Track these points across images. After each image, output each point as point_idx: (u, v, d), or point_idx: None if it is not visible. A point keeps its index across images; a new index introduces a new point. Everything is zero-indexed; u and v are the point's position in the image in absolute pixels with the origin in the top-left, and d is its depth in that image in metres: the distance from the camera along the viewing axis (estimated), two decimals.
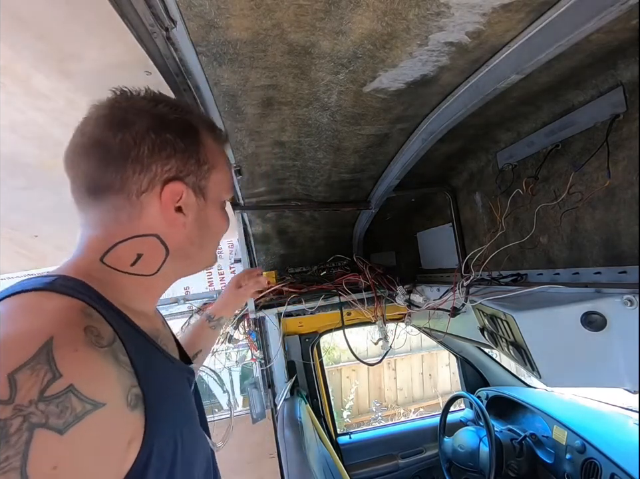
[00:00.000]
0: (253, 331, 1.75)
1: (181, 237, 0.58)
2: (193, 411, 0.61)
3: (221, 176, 0.61)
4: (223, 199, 0.65)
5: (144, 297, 0.58)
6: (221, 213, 0.64)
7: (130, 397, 0.43)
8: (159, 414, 0.47)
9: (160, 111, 0.54)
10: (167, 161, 0.53)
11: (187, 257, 0.61)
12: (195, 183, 0.57)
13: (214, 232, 0.64)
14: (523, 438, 1.68)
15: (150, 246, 0.56)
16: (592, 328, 0.76)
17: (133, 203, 0.53)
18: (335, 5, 0.54)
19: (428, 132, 0.97)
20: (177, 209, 0.55)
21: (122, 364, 0.44)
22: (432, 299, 1.40)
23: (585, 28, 0.55)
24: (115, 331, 0.45)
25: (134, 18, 0.51)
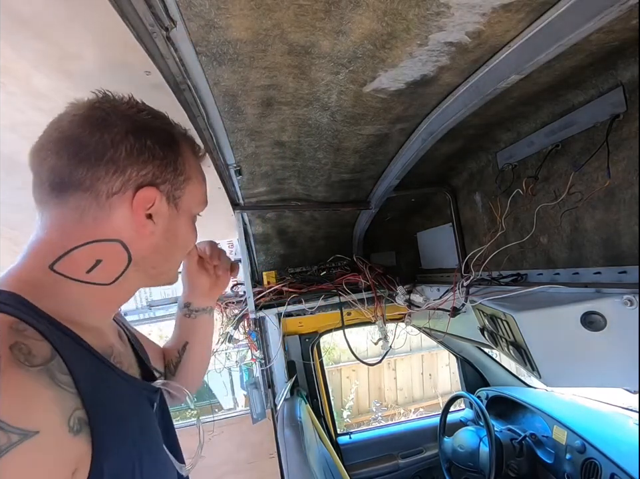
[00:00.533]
0: (253, 331, 1.75)
1: (147, 245, 0.55)
2: (154, 433, 0.56)
3: (195, 189, 0.60)
4: (194, 213, 0.63)
5: (97, 310, 0.54)
6: (191, 227, 0.62)
7: (72, 421, 0.39)
8: (109, 438, 0.43)
9: (142, 118, 0.54)
10: (143, 166, 0.52)
11: (151, 268, 0.58)
12: (170, 192, 0.55)
13: (181, 245, 0.62)
14: (523, 438, 1.68)
15: (111, 252, 0.52)
16: (592, 329, 0.76)
17: (101, 205, 0.50)
18: (335, 5, 0.54)
19: (428, 132, 0.97)
20: (147, 216, 0.53)
21: (62, 384, 0.39)
22: (432, 299, 1.40)
23: (585, 28, 0.55)
24: (55, 348, 0.41)
25: (134, 18, 0.51)
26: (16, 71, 0.56)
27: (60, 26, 0.51)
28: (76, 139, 0.49)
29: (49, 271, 0.48)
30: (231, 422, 1.99)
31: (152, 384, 0.60)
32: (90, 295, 0.52)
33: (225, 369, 1.95)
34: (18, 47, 0.54)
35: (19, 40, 0.53)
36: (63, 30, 0.52)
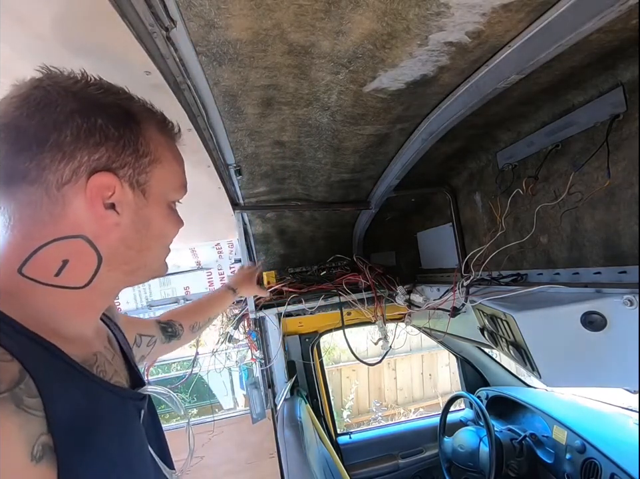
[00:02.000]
0: (253, 331, 1.75)
1: (115, 239, 0.49)
2: (140, 447, 0.53)
3: (167, 173, 0.53)
4: (170, 200, 0.56)
5: (76, 316, 0.49)
6: (167, 215, 0.55)
7: (35, 449, 0.36)
8: (78, 460, 0.40)
9: (91, 93, 0.46)
10: (95, 149, 0.45)
11: (125, 264, 0.52)
12: (132, 177, 0.49)
13: (157, 235, 0.54)
14: (523, 438, 1.68)
15: (76, 250, 0.47)
16: (592, 328, 0.76)
17: (53, 198, 0.44)
18: (335, 5, 0.54)
19: (428, 132, 0.97)
20: (109, 206, 0.47)
21: (29, 409, 0.36)
22: (432, 299, 1.40)
23: (585, 28, 0.55)
24: (25, 368, 0.37)
25: (134, 18, 0.51)
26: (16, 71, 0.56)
27: (60, 26, 0.51)
28: (14, 125, 0.43)
29: (19, 275, 0.44)
30: (231, 422, 1.99)
31: (139, 391, 0.56)
32: (65, 300, 0.47)
33: (225, 369, 1.95)
34: (18, 47, 0.54)
35: (19, 40, 0.53)
36: (63, 30, 0.52)
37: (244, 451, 1.94)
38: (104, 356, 0.53)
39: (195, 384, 2.04)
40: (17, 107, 0.44)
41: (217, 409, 2.97)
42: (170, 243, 0.59)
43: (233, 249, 2.03)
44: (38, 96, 0.44)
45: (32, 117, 0.43)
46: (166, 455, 0.61)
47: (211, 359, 1.78)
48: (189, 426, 0.68)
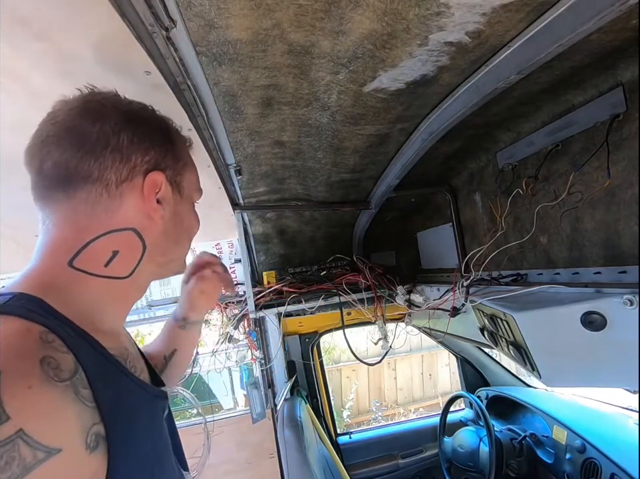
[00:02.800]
0: (253, 331, 1.75)
1: (158, 231, 0.55)
2: (165, 443, 0.56)
3: (192, 176, 0.62)
4: (194, 200, 0.64)
5: (114, 308, 0.53)
6: (193, 213, 0.64)
7: (89, 438, 0.38)
8: (124, 453, 0.42)
9: (134, 108, 0.54)
10: (146, 153, 0.52)
11: (163, 255, 0.58)
12: (172, 178, 0.56)
13: (187, 230, 0.63)
14: (523, 438, 1.68)
15: (126, 241, 0.52)
16: (592, 328, 0.76)
17: (112, 194, 0.50)
18: (335, 5, 0.54)
19: (428, 132, 0.97)
20: (157, 202, 0.54)
21: (83, 399, 0.39)
22: (432, 299, 1.40)
23: (585, 28, 0.55)
24: (77, 360, 0.40)
25: (134, 18, 0.51)
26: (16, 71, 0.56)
27: (60, 26, 0.51)
28: (78, 131, 0.48)
29: (68, 268, 0.48)
30: (231, 422, 1.99)
31: (163, 389, 0.59)
32: (108, 291, 0.51)
33: (225, 369, 1.95)
34: (18, 47, 0.54)
35: (19, 40, 0.53)
36: (63, 30, 0.52)
37: (244, 451, 1.94)
38: (132, 353, 0.56)
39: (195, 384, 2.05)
40: (78, 116, 0.49)
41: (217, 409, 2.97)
42: (191, 241, 0.65)
43: (233, 249, 2.03)
44: (96, 108, 0.50)
45: (94, 124, 0.49)
46: (181, 455, 0.63)
47: (211, 359, 1.78)
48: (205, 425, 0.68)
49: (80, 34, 0.53)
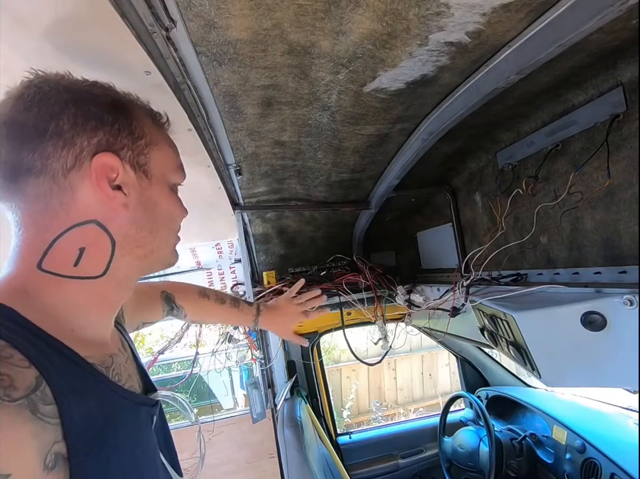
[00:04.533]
0: (253, 331, 1.75)
1: (125, 220, 0.49)
2: (151, 453, 0.52)
3: (164, 155, 0.55)
4: (171, 182, 0.57)
5: (95, 312, 0.49)
6: (170, 196, 0.56)
7: (49, 457, 0.35)
8: (90, 470, 0.39)
9: (80, 86, 0.48)
10: (93, 134, 0.46)
11: (139, 247, 0.52)
12: (132, 158, 0.50)
13: (165, 216, 0.55)
14: (523, 438, 1.68)
15: (91, 236, 0.47)
16: (592, 328, 0.76)
17: (61, 186, 0.45)
18: (335, 5, 0.54)
19: (428, 132, 0.97)
20: (116, 188, 0.48)
21: (44, 416, 0.36)
22: (432, 299, 1.40)
23: (585, 28, 0.55)
24: (41, 374, 0.37)
25: (134, 18, 0.51)
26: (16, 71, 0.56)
27: (60, 26, 0.51)
28: (12, 121, 0.44)
29: (38, 272, 0.45)
30: (231, 422, 1.99)
31: (151, 397, 0.56)
32: (84, 293, 0.47)
33: (225, 369, 1.95)
34: (18, 47, 0.54)
35: (19, 40, 0.53)
36: (63, 30, 0.52)
37: (244, 451, 1.94)
38: (119, 359, 0.53)
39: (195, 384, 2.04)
40: (12, 105, 0.45)
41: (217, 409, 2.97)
42: (178, 229, 0.59)
43: (233, 249, 2.03)
44: (32, 93, 0.45)
45: (29, 110, 0.44)
46: (175, 461, 0.61)
47: (211, 359, 1.78)
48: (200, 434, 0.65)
49: (80, 34, 0.53)
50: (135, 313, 0.78)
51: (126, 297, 0.56)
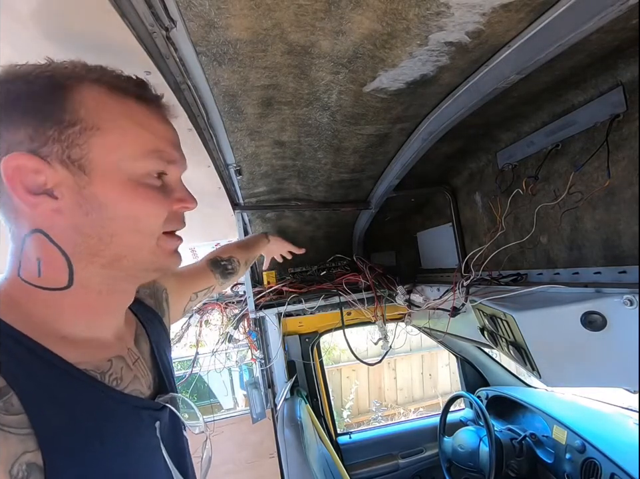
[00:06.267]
0: (253, 331, 1.75)
1: (65, 228, 0.43)
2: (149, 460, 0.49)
3: (115, 140, 0.44)
4: (134, 171, 0.45)
5: (80, 319, 0.46)
6: (128, 191, 0.45)
7: (15, 468, 0.33)
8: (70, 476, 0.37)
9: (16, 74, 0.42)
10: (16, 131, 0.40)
11: (94, 255, 0.45)
12: (61, 153, 0.41)
13: (120, 217, 0.45)
14: (523, 437, 1.68)
15: (41, 246, 0.43)
16: (592, 328, 0.76)
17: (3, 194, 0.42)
18: (335, 5, 0.54)
19: (428, 132, 0.97)
20: (43, 192, 0.41)
21: (7, 427, 0.34)
22: (432, 299, 1.40)
23: (585, 28, 0.55)
24: (8, 383, 0.35)
25: (134, 18, 0.51)
26: None
27: (59, 26, 0.51)
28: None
29: (20, 280, 0.43)
30: (231, 422, 1.99)
31: (157, 401, 0.53)
32: (61, 302, 0.44)
33: (225, 369, 1.95)
34: (17, 47, 0.54)
35: (19, 41, 0.53)
36: (63, 30, 0.52)
37: (244, 451, 1.94)
38: (124, 361, 0.50)
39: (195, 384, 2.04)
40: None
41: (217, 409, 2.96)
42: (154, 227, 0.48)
43: None
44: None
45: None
46: (186, 468, 0.57)
47: (211, 359, 1.78)
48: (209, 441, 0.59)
49: (80, 34, 0.53)
50: (181, 289, 0.83)
51: (125, 301, 0.53)
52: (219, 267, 1.02)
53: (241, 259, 1.12)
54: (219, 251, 1.09)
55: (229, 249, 1.12)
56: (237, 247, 1.18)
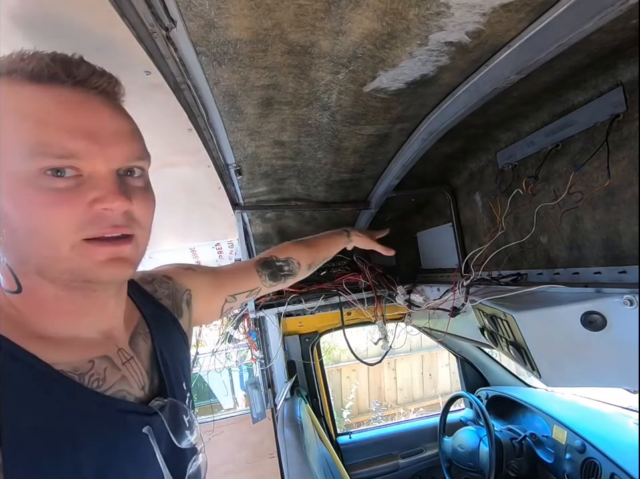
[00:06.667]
0: (253, 331, 1.75)
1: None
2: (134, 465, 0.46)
3: (1, 135, 0.39)
4: (20, 173, 0.39)
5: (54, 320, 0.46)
6: (17, 196, 0.40)
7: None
8: None
9: None
10: None
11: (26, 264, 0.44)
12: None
13: (21, 227, 0.41)
14: (523, 437, 1.68)
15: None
16: (592, 328, 0.76)
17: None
18: (335, 5, 0.54)
19: (428, 132, 0.97)
20: None
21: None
22: (432, 299, 1.40)
23: (585, 28, 0.55)
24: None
25: (134, 18, 0.51)
26: None
27: (59, 26, 0.51)
28: None
29: None
30: (231, 422, 1.99)
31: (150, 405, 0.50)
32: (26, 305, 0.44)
33: (225, 369, 1.95)
34: (18, 48, 0.54)
35: (19, 41, 0.53)
36: (63, 30, 0.52)
37: (244, 451, 1.94)
38: (109, 361, 0.49)
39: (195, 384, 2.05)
40: None
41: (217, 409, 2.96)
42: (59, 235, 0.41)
43: (233, 249, 2.03)
44: None
45: None
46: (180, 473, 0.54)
47: (211, 359, 1.78)
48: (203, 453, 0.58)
49: (80, 34, 0.53)
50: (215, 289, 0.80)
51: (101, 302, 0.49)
52: (270, 268, 0.94)
53: (303, 260, 1.01)
54: (277, 250, 1.00)
55: (290, 248, 1.02)
56: (302, 246, 1.06)
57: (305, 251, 1.03)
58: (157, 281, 0.69)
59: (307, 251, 1.04)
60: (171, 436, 0.51)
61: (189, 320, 0.72)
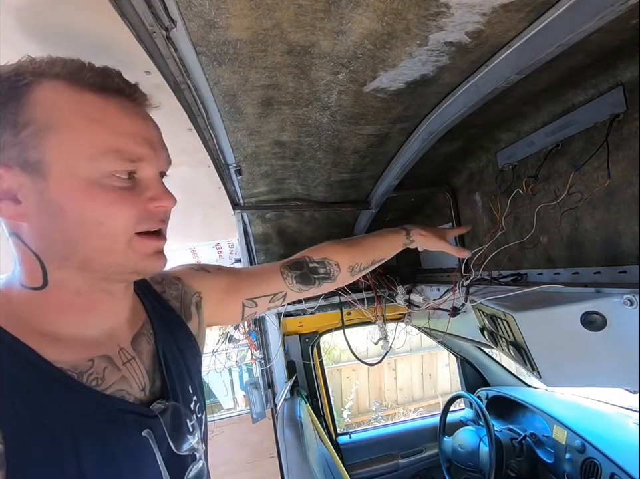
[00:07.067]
0: (253, 331, 1.75)
1: (32, 231, 0.44)
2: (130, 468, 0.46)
3: (71, 140, 0.42)
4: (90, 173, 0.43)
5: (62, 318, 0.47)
6: (87, 194, 0.43)
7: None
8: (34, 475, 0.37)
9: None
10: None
11: (65, 259, 0.45)
12: (18, 157, 0.41)
13: (80, 221, 0.44)
14: (523, 437, 1.68)
15: (18, 247, 0.46)
16: (592, 328, 0.76)
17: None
18: (335, 5, 0.54)
19: (428, 132, 0.97)
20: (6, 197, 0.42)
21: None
22: (432, 299, 1.40)
23: (585, 28, 0.55)
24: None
25: (134, 18, 0.51)
26: None
27: (59, 26, 0.51)
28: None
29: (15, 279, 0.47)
30: (231, 422, 1.99)
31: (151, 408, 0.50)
32: (42, 301, 0.46)
33: (225, 369, 1.95)
34: (17, 48, 0.54)
35: (19, 41, 0.53)
36: (62, 30, 0.52)
37: (244, 451, 1.94)
38: (110, 361, 0.49)
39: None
40: None
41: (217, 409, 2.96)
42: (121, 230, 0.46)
43: (233, 249, 2.03)
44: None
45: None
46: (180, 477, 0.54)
47: (211, 359, 1.78)
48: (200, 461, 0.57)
49: (79, 34, 0.53)
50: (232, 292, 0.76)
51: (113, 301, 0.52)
52: (300, 269, 0.84)
53: (343, 262, 0.89)
54: (312, 250, 0.89)
55: (327, 249, 0.90)
56: (343, 246, 0.92)
57: (346, 252, 0.91)
58: (166, 282, 0.69)
59: (349, 251, 0.91)
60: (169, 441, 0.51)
61: (198, 324, 0.70)
